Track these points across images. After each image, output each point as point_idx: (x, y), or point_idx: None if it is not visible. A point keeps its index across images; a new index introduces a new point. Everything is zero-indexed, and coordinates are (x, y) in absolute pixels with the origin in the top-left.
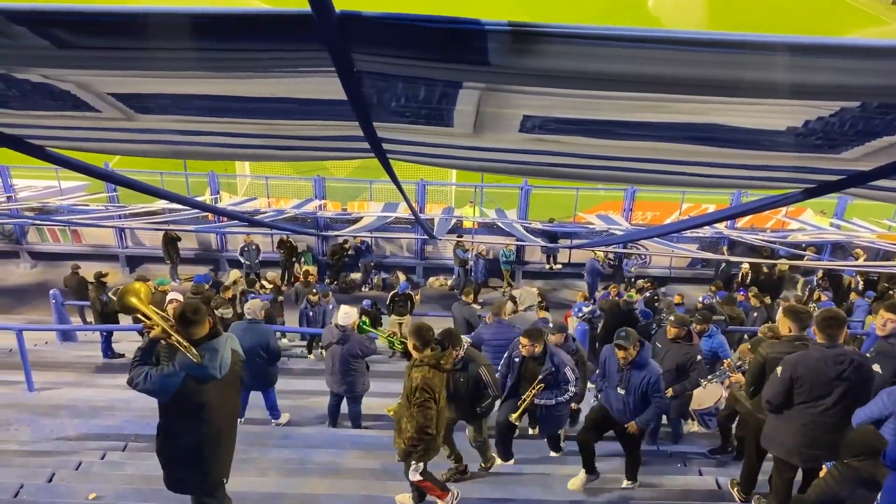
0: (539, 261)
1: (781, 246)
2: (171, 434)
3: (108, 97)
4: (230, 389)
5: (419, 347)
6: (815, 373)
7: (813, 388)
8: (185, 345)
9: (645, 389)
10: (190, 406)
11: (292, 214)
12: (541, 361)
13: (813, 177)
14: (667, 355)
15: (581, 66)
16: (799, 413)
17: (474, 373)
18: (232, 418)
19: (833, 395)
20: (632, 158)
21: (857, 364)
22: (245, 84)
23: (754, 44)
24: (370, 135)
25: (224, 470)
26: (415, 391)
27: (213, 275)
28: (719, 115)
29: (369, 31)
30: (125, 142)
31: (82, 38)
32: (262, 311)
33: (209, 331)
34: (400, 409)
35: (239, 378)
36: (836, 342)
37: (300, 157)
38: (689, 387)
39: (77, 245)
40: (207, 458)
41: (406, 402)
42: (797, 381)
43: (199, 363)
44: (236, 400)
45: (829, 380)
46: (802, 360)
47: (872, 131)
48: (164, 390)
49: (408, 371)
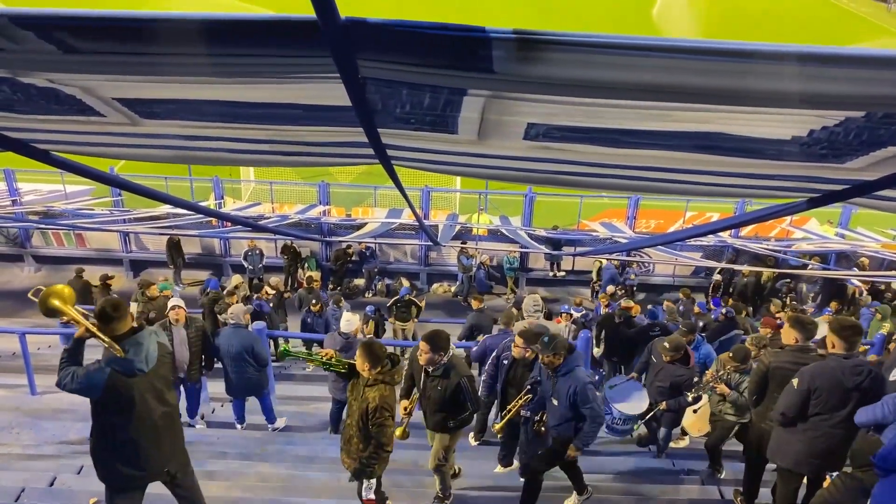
0: (543, 268)
1: (785, 255)
2: (105, 432)
3: (114, 102)
4: (161, 382)
5: (371, 366)
6: (834, 383)
7: (830, 398)
8: (107, 341)
9: (573, 400)
10: (121, 401)
11: (296, 220)
12: (530, 368)
13: (817, 186)
14: (661, 372)
15: (585, 75)
16: (814, 425)
17: (454, 382)
18: (169, 410)
19: (849, 406)
20: (636, 167)
21: (875, 374)
22: (250, 90)
23: (759, 53)
24: (375, 141)
25: (165, 463)
26: (374, 412)
27: (220, 280)
28: (724, 124)
29: (374, 37)
30: (130, 146)
31: (88, 42)
32: (245, 315)
33: (132, 326)
34: (349, 428)
35: (170, 370)
36: (853, 352)
37: (305, 163)
38: (685, 403)
39: (81, 249)
40: (144, 451)
41: (359, 421)
42: (815, 391)
43: (124, 357)
44: (170, 392)
45: (846, 390)
46: (820, 370)
47: (877, 141)
48: (91, 387)
49: (358, 390)
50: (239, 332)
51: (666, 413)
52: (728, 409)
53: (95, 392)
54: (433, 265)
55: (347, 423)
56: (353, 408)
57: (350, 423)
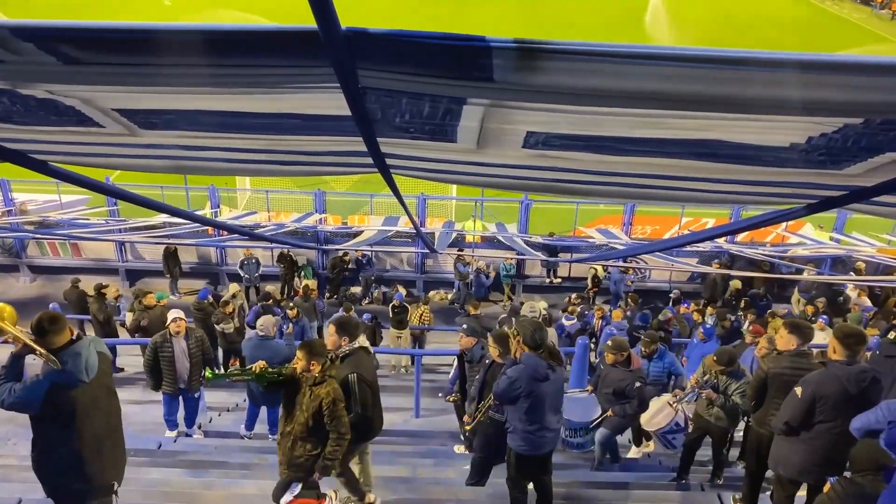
0: (539, 275)
1: (781, 260)
2: (47, 446)
3: (113, 113)
4: (103, 392)
5: (317, 362)
6: (837, 391)
7: (835, 406)
8: (43, 353)
9: None
10: (62, 413)
11: (292, 228)
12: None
13: (815, 192)
14: (606, 377)
15: (585, 83)
16: (818, 434)
17: (342, 375)
18: (112, 421)
19: (852, 414)
20: (635, 174)
21: (875, 379)
22: (250, 100)
23: (757, 61)
24: (374, 150)
25: (110, 474)
26: (330, 406)
27: (213, 288)
28: (722, 131)
29: (375, 47)
30: (128, 157)
31: (89, 54)
32: (273, 326)
33: (71, 338)
34: (287, 437)
35: (111, 379)
36: (856, 359)
37: (304, 172)
38: (631, 411)
39: (77, 259)
40: (89, 463)
41: (307, 421)
42: (820, 400)
43: (62, 369)
44: (113, 402)
45: (850, 397)
46: (824, 378)
47: (875, 147)
48: (30, 401)
49: (302, 393)
50: (265, 343)
51: (611, 419)
52: (719, 414)
53: (34, 406)
54: (430, 272)
55: (286, 431)
56: (295, 413)
57: (291, 429)
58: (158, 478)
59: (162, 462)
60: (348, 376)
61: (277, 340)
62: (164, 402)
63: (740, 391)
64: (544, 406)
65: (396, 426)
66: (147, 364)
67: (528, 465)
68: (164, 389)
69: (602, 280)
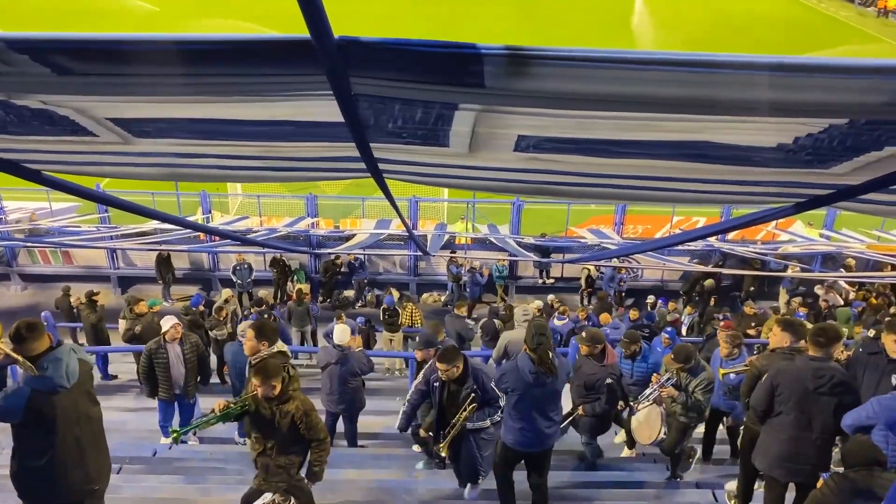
0: (532, 275)
1: (773, 258)
2: (29, 453)
3: (107, 122)
4: (85, 398)
5: (277, 383)
6: (794, 382)
7: (791, 397)
8: (21, 360)
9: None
10: (44, 420)
11: (285, 233)
12: (461, 381)
13: (803, 191)
14: (580, 369)
15: (574, 88)
16: (781, 426)
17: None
18: (95, 428)
19: (813, 410)
20: (625, 176)
21: (838, 381)
22: (244, 108)
23: (744, 64)
24: (367, 155)
25: (93, 478)
26: (304, 418)
27: (206, 294)
28: (710, 133)
29: (367, 55)
30: (121, 165)
31: (83, 64)
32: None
33: (50, 345)
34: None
35: (93, 386)
36: (823, 355)
37: (297, 178)
38: (600, 409)
39: (68, 266)
40: (71, 469)
41: (283, 439)
42: (777, 387)
43: (43, 375)
44: (95, 409)
45: (807, 391)
46: (785, 368)
47: (861, 147)
48: (12, 409)
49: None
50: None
51: (583, 420)
52: (680, 411)
53: (16, 414)
54: (422, 275)
55: (265, 450)
56: (264, 435)
57: (270, 447)
58: (154, 485)
59: (158, 469)
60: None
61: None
62: (160, 408)
63: (702, 387)
64: (530, 406)
65: (391, 429)
66: (142, 371)
67: (513, 458)
68: (159, 396)
69: (595, 280)
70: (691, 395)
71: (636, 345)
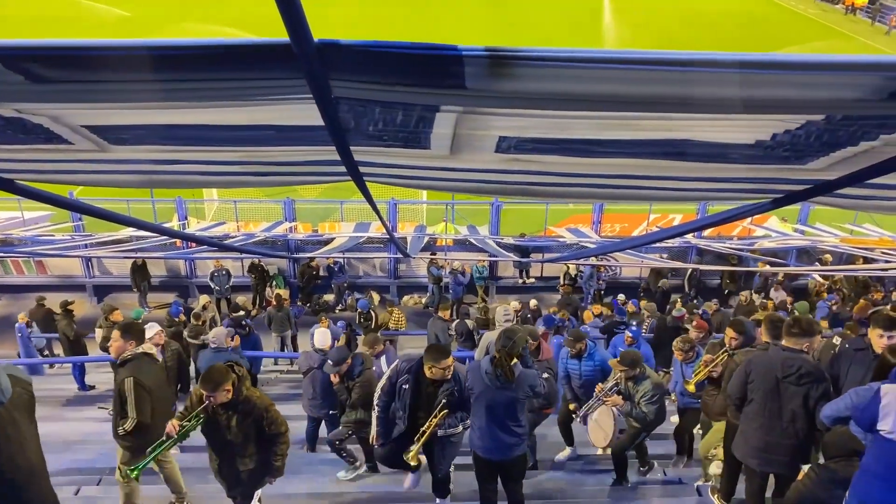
0: (512, 276)
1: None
2: None
3: (82, 129)
4: (22, 416)
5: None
6: (765, 371)
7: (761, 386)
8: None
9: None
10: None
11: (262, 238)
12: (441, 383)
13: (780, 187)
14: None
15: (554, 88)
16: (754, 415)
17: (120, 380)
18: (31, 448)
19: (782, 399)
20: (605, 175)
21: (806, 372)
22: (222, 113)
23: (719, 62)
24: (347, 159)
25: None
26: (264, 416)
27: (184, 301)
28: (688, 131)
29: (347, 58)
30: (98, 173)
31: (57, 71)
32: (227, 338)
33: None
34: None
35: (31, 404)
36: (797, 347)
37: (278, 183)
38: (537, 405)
39: (42, 276)
40: (24, 491)
41: (244, 441)
42: (749, 375)
43: None
44: (30, 429)
45: (776, 381)
46: (757, 357)
47: (836, 142)
48: None
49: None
50: (220, 355)
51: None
52: (631, 422)
53: None
54: (403, 277)
55: (234, 463)
56: (225, 445)
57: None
58: None
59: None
60: (125, 380)
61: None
62: None
63: (646, 398)
64: (485, 410)
65: None
66: None
67: (482, 466)
68: None
69: (576, 278)
70: (637, 405)
71: (581, 343)
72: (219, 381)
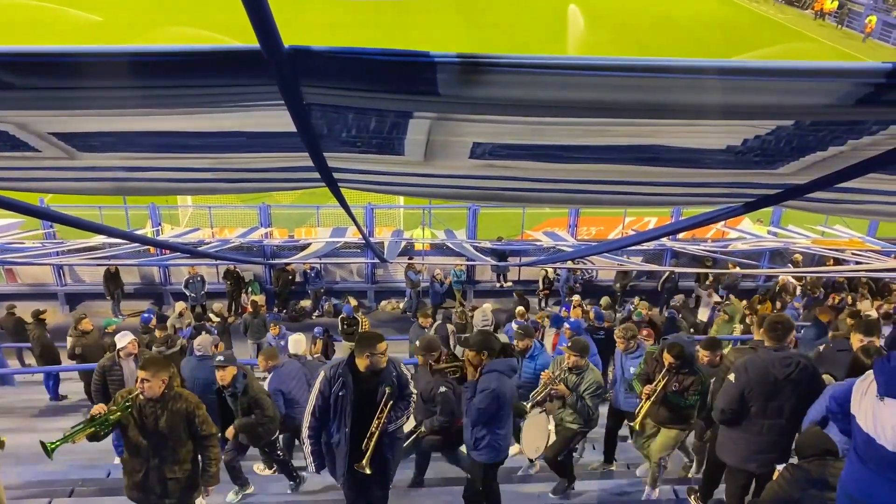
0: (490, 279)
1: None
2: None
3: (49, 136)
4: None
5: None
6: (764, 375)
7: (763, 391)
8: None
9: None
10: None
11: (238, 244)
12: (377, 376)
13: (752, 191)
14: (417, 379)
15: (526, 94)
16: (754, 420)
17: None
18: None
19: (782, 398)
20: (579, 181)
21: (804, 366)
22: (193, 119)
23: (692, 68)
24: (321, 165)
25: None
26: (192, 415)
27: (158, 309)
28: (661, 136)
29: (319, 65)
30: (67, 180)
31: (23, 78)
32: (212, 346)
33: None
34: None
35: None
36: (782, 344)
37: (250, 190)
38: (438, 424)
39: (13, 285)
40: None
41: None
42: (748, 384)
43: None
44: None
45: (776, 381)
46: (751, 363)
47: (806, 147)
48: None
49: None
50: (205, 363)
51: (428, 439)
52: (568, 417)
53: None
54: (380, 282)
55: (151, 466)
56: (148, 446)
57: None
58: None
59: (113, 491)
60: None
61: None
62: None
63: (590, 391)
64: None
65: None
66: (95, 388)
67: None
68: None
69: (553, 281)
70: (581, 398)
71: (529, 340)
72: (160, 368)
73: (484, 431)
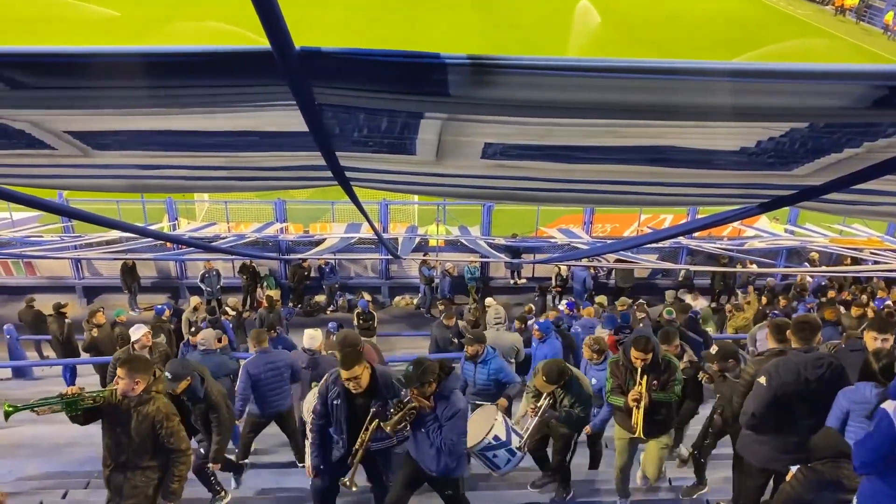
0: (503, 276)
1: (739, 253)
2: None
3: (65, 135)
4: None
5: (142, 380)
6: (794, 377)
7: (795, 393)
8: None
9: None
10: None
11: (253, 239)
12: (371, 393)
13: (767, 192)
14: None
15: (538, 96)
16: (783, 422)
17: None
18: None
19: (813, 399)
20: (592, 181)
21: (835, 366)
22: (206, 119)
23: (704, 70)
24: (333, 164)
25: None
26: (163, 423)
27: (174, 303)
28: (673, 138)
29: (329, 66)
30: (82, 177)
31: (38, 78)
32: (216, 340)
33: None
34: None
35: None
36: (810, 345)
37: (263, 188)
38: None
39: (32, 278)
40: None
41: (138, 450)
42: (780, 387)
43: None
44: None
45: (808, 382)
46: (783, 366)
47: (821, 149)
48: None
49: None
50: (210, 357)
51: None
52: (559, 426)
53: None
54: (394, 278)
55: (119, 463)
56: (123, 441)
57: (124, 460)
58: None
59: None
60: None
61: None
62: None
63: (580, 406)
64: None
65: None
66: (110, 380)
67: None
68: None
69: (567, 279)
70: (572, 408)
71: (480, 345)
72: (137, 370)
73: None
